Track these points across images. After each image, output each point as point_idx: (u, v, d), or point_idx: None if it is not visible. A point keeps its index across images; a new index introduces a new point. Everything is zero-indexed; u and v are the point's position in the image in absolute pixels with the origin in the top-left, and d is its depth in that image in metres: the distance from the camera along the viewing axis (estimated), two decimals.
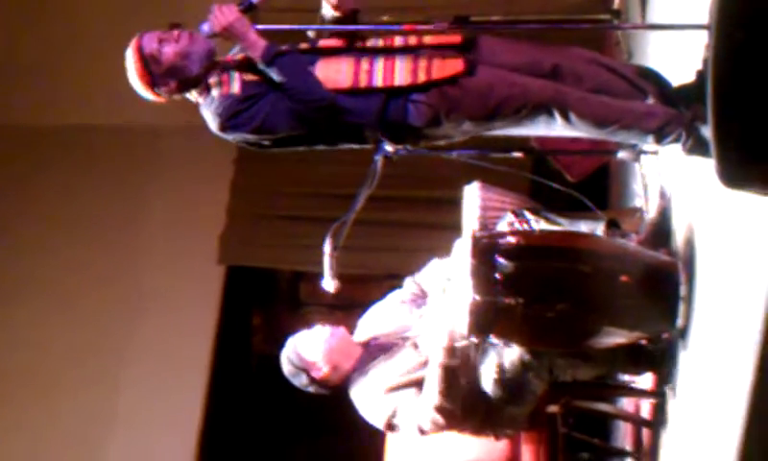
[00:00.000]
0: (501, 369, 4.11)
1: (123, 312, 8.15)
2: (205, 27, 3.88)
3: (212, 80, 3.91)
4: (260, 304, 8.95)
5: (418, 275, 4.59)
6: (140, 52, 3.90)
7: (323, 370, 4.41)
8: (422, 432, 4.24)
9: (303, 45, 3.95)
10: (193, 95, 3.98)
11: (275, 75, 3.80)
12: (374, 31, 4.02)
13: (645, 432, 4.89)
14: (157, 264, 8.21)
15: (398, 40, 3.92)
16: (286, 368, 4.48)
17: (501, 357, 4.11)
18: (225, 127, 3.90)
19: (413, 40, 3.90)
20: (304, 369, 4.44)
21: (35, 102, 8.28)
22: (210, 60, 3.93)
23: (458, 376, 4.11)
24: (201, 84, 3.93)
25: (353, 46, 3.92)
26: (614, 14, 6.66)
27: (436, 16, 3.99)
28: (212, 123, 3.93)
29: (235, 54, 4.01)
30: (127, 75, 3.94)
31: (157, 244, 8.25)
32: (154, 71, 3.90)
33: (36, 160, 8.40)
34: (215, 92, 3.90)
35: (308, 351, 4.41)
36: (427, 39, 3.90)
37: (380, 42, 3.93)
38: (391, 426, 4.34)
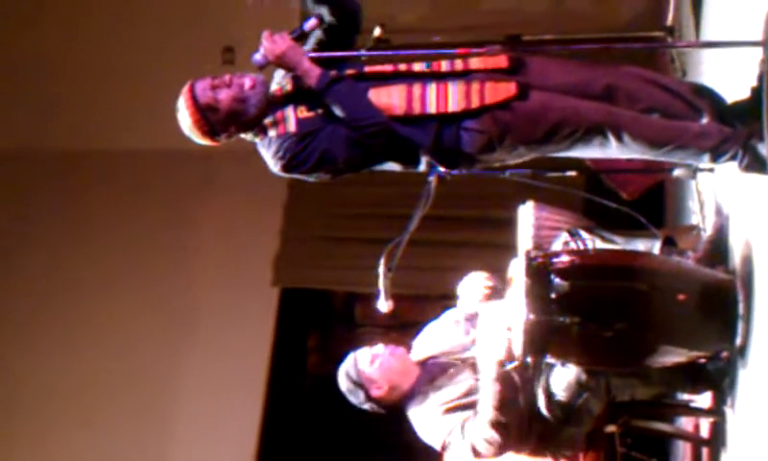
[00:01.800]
0: (558, 389, 4.10)
1: (177, 336, 8.19)
2: (258, 56, 3.85)
3: (268, 120, 3.88)
4: (315, 326, 8.96)
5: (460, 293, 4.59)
6: (195, 102, 3.84)
7: (382, 388, 4.41)
8: (476, 453, 4.21)
9: (350, 71, 3.92)
10: (249, 135, 3.96)
11: (330, 103, 3.80)
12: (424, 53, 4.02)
13: (704, 452, 4.85)
14: (212, 288, 8.25)
15: (445, 64, 3.89)
16: (344, 384, 4.48)
17: (557, 378, 4.10)
18: (286, 168, 3.86)
19: (459, 64, 3.88)
20: (363, 386, 4.44)
21: (84, 127, 8.37)
22: (265, 99, 3.91)
23: (512, 390, 4.10)
24: (258, 124, 3.92)
25: (401, 71, 3.91)
26: (668, 32, 6.62)
27: (485, 36, 3.98)
28: (274, 166, 3.89)
29: (283, 83, 3.99)
30: (181, 124, 3.91)
31: (211, 267, 8.30)
32: (212, 120, 3.86)
33: (87, 186, 8.48)
34: (272, 133, 3.86)
35: (369, 368, 4.41)
36: (474, 62, 3.88)
37: (428, 66, 3.90)
38: (446, 446, 4.33)
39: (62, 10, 8.26)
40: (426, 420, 4.36)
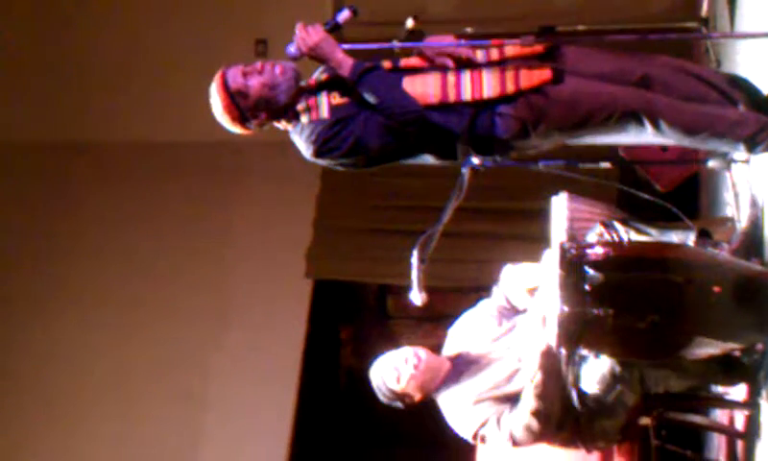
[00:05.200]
0: (591, 381, 4.09)
1: (210, 327, 8.20)
2: (292, 48, 3.88)
3: (300, 106, 3.91)
4: (348, 318, 8.96)
5: (502, 285, 4.58)
6: (226, 88, 3.89)
7: (414, 397, 4.45)
8: (514, 441, 4.22)
9: (387, 64, 3.94)
10: (282, 123, 3.98)
11: (364, 92, 3.80)
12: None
13: (739, 444, 4.82)
14: (244, 279, 8.26)
15: (480, 54, 3.90)
16: (380, 398, 4.51)
17: (591, 370, 4.09)
18: (318, 153, 3.89)
19: (495, 54, 3.88)
20: (396, 399, 4.48)
21: (118, 119, 8.39)
22: (297, 87, 3.93)
23: (556, 381, 4.09)
24: (290, 111, 3.93)
25: (436, 65, 3.91)
26: (703, 22, 6.59)
27: (516, 27, 3.97)
28: (305, 151, 3.92)
29: (320, 74, 4.02)
30: (213, 110, 3.94)
31: (244, 259, 8.30)
32: (242, 106, 3.90)
33: (121, 177, 8.50)
34: (304, 119, 3.89)
35: (397, 385, 4.42)
36: (509, 51, 3.88)
37: (463, 56, 3.90)
38: (478, 437, 4.33)
39: (96, 4, 8.30)
40: (457, 409, 4.38)
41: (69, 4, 8.29)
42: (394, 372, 4.42)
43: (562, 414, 4.16)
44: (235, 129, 3.98)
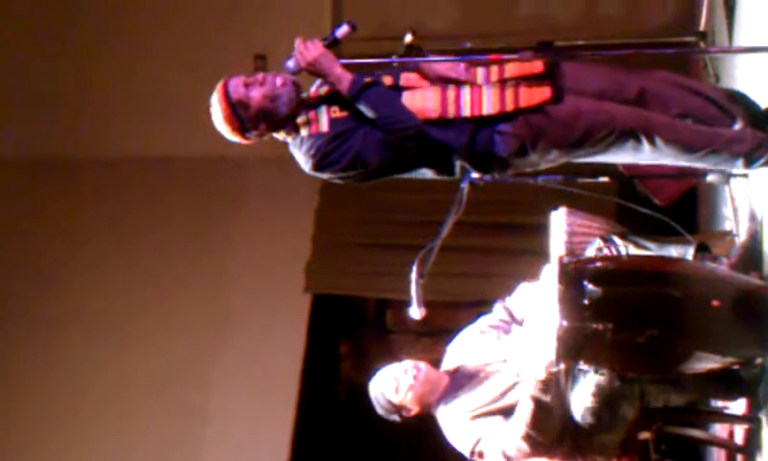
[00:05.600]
0: (591, 396, 4.09)
1: (210, 341, 8.20)
2: (290, 63, 3.89)
3: (300, 119, 3.92)
4: (347, 332, 8.95)
5: (508, 299, 4.58)
6: (227, 98, 3.90)
7: (412, 410, 4.45)
8: (507, 459, 4.22)
9: (387, 80, 3.94)
10: (281, 135, 3.99)
11: (363, 107, 3.81)
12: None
13: (739, 458, 4.81)
14: (244, 294, 8.26)
15: (481, 73, 3.90)
16: (378, 410, 4.52)
17: (591, 384, 4.09)
18: (317, 167, 3.90)
19: (495, 74, 3.88)
20: (394, 411, 4.49)
21: (118, 135, 8.40)
22: (298, 99, 3.94)
23: (550, 411, 4.09)
24: (290, 123, 3.95)
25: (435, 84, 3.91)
26: (701, 37, 6.60)
27: (516, 43, 3.97)
28: (304, 164, 3.93)
29: (319, 86, 4.03)
30: (213, 120, 3.96)
31: (243, 274, 8.30)
32: (243, 116, 3.91)
33: (121, 192, 8.50)
34: (304, 132, 3.90)
35: (395, 396, 4.43)
36: (510, 69, 3.88)
37: (462, 78, 3.91)
38: (475, 453, 4.33)
39: (95, 19, 8.32)
40: (454, 424, 4.38)
41: (68, 20, 8.30)
42: (393, 382, 4.43)
43: (557, 433, 4.16)
44: (235, 139, 3.99)
